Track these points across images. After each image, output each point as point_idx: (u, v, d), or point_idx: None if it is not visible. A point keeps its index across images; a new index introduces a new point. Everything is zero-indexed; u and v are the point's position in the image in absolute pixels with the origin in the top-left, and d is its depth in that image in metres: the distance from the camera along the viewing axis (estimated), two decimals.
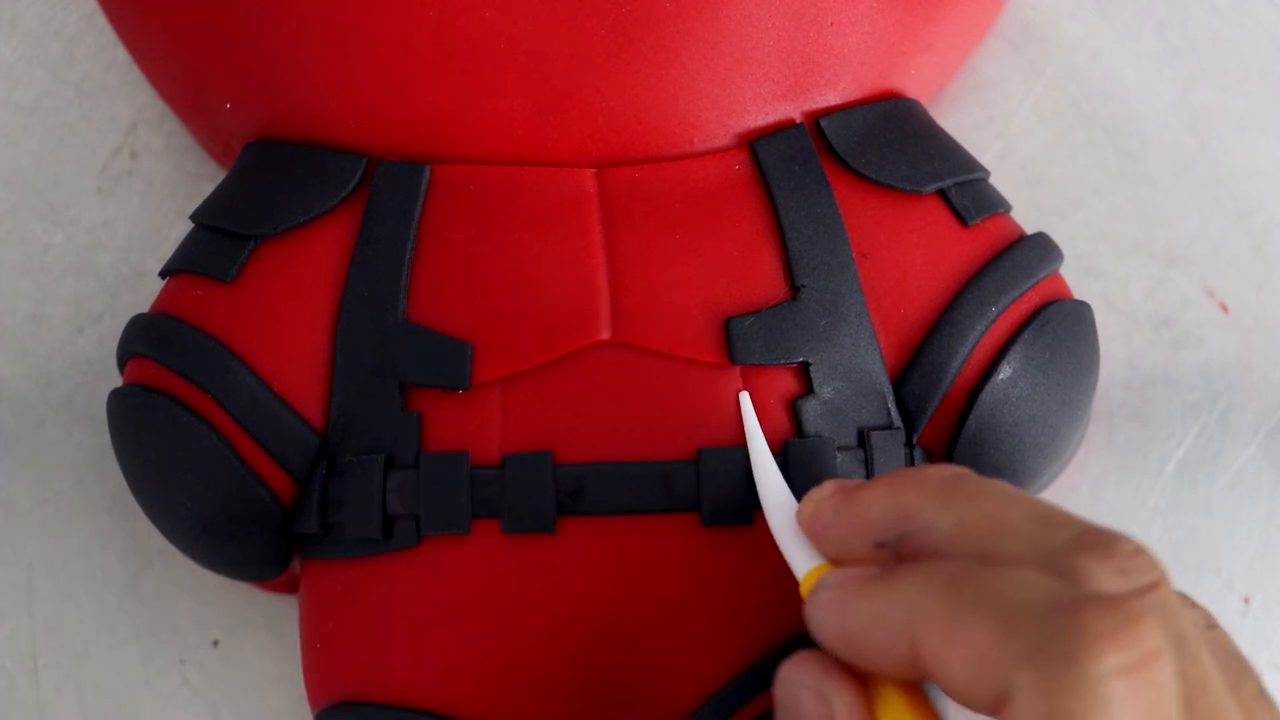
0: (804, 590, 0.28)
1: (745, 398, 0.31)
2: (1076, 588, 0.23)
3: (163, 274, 0.34)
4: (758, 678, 0.31)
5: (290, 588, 0.36)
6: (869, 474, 0.32)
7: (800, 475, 0.31)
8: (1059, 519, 0.25)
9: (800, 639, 0.31)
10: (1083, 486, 0.37)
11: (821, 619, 0.26)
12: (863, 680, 0.26)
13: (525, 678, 0.31)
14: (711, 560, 0.31)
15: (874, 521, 0.27)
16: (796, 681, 0.26)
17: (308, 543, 0.33)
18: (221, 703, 0.37)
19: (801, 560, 0.28)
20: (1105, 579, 0.23)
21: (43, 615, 0.37)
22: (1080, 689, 0.22)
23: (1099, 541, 0.24)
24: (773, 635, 0.31)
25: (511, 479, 0.31)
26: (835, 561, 0.28)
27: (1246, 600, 0.37)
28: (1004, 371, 0.32)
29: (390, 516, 0.32)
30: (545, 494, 0.31)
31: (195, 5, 0.34)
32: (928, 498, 0.26)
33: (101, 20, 0.39)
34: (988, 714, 0.23)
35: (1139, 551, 0.24)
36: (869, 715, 0.25)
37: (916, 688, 0.26)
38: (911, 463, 0.32)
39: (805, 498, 0.29)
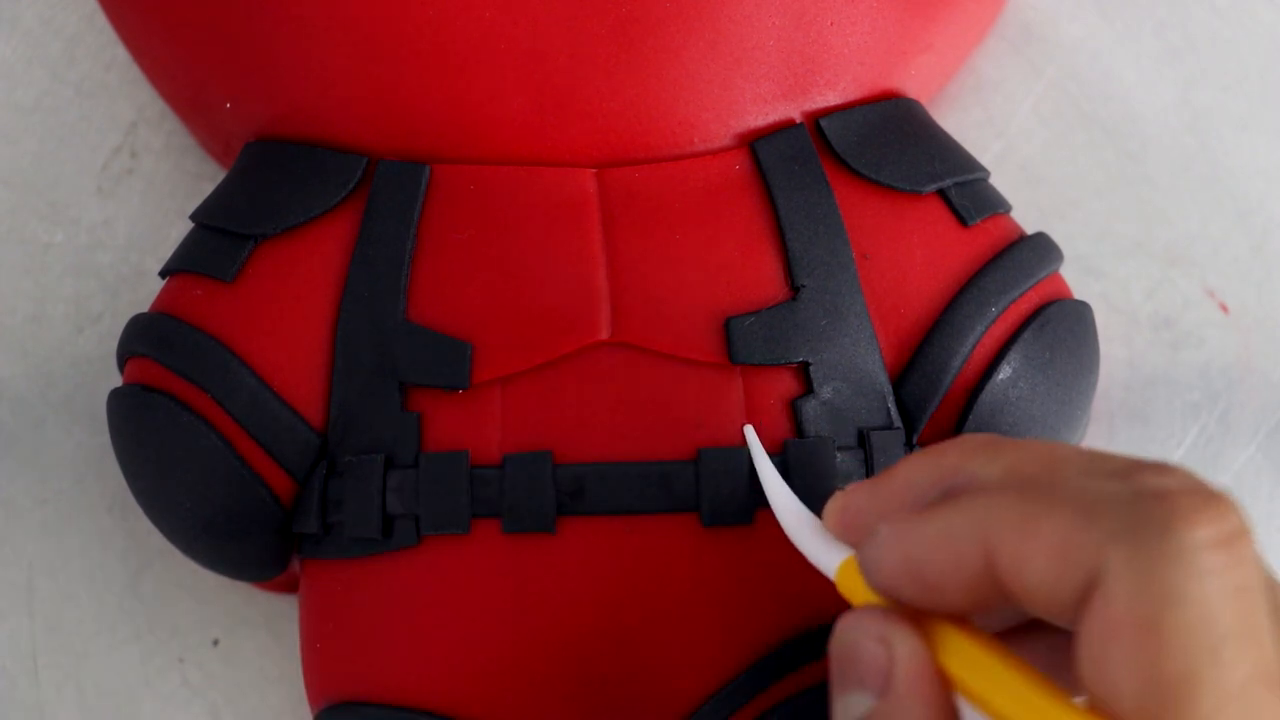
0: (843, 579, 0.27)
1: (750, 432, 0.31)
2: (1148, 487, 0.23)
3: (163, 274, 0.34)
4: (758, 678, 0.31)
5: (290, 588, 0.36)
6: (869, 474, 0.32)
7: (800, 475, 0.31)
8: (1107, 454, 0.25)
9: (800, 640, 0.31)
10: None
11: (882, 556, 0.25)
12: (922, 628, 0.26)
13: (525, 678, 0.31)
14: (711, 560, 0.31)
15: (914, 487, 0.26)
16: (855, 628, 0.26)
17: (307, 543, 0.33)
18: (221, 703, 0.37)
19: (834, 556, 0.28)
20: (1172, 482, 0.23)
21: (43, 615, 0.37)
22: (1177, 560, 0.22)
23: (1154, 464, 0.24)
24: (773, 635, 0.31)
25: (511, 479, 0.31)
26: None
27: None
28: (1004, 371, 0.32)
29: (390, 516, 0.32)
30: (545, 494, 0.31)
31: (195, 5, 0.34)
32: (970, 454, 0.26)
33: (101, 20, 0.39)
34: (1071, 607, 0.23)
35: (1191, 471, 0.24)
36: (930, 655, 0.25)
37: (975, 630, 0.25)
38: None
39: (830, 499, 0.28)
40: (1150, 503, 0.23)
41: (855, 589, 0.27)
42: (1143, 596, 0.22)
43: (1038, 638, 0.27)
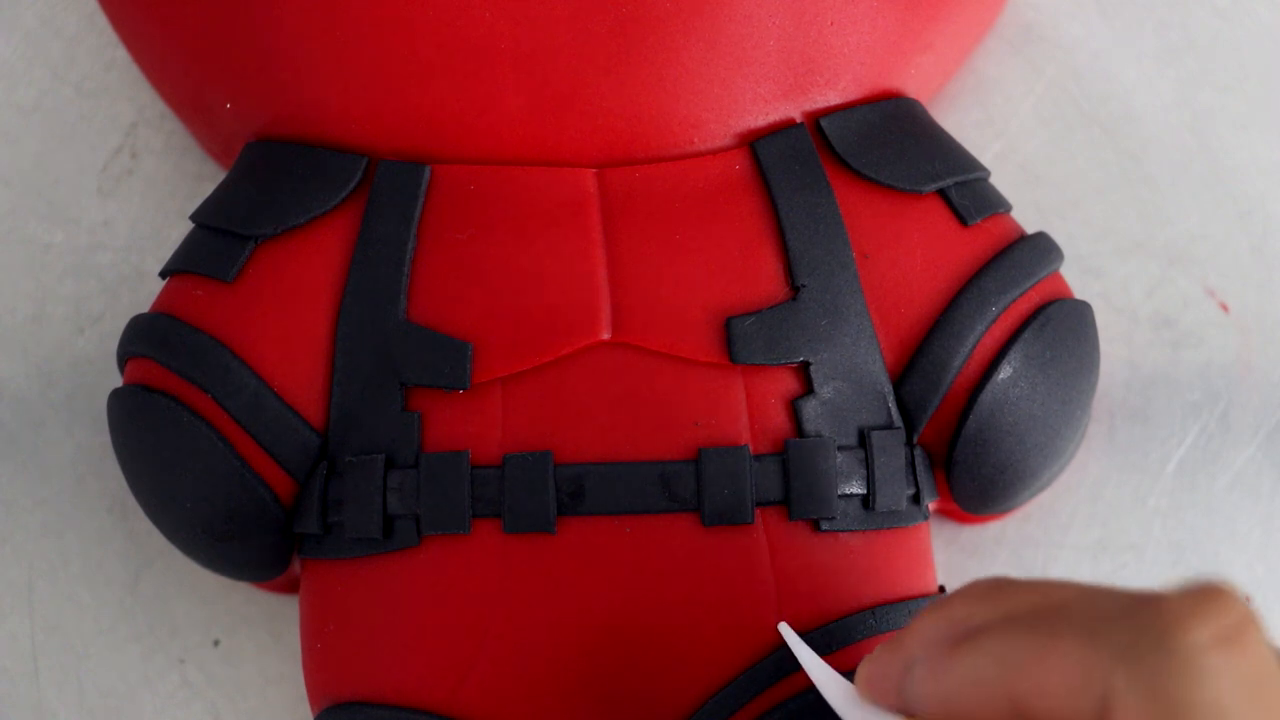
0: None
1: (785, 629, 0.30)
2: (1144, 597, 0.23)
3: (163, 274, 0.34)
4: (758, 678, 0.31)
5: (290, 588, 0.36)
6: (869, 473, 0.32)
7: (800, 475, 0.31)
8: (1107, 588, 0.25)
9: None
10: (1083, 486, 0.37)
11: (923, 693, 0.25)
12: None
13: (525, 678, 0.31)
14: (711, 560, 0.31)
15: (930, 642, 0.26)
16: None
17: (308, 543, 0.33)
18: (221, 703, 0.37)
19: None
20: (1171, 589, 0.23)
21: (43, 615, 0.37)
22: (1178, 669, 0.22)
23: (1155, 593, 0.24)
24: (773, 635, 0.31)
25: (512, 479, 0.31)
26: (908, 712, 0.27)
27: (1247, 600, 0.36)
28: (1004, 371, 0.32)
29: (391, 516, 0.32)
30: (545, 494, 0.31)
31: (195, 5, 0.34)
32: (975, 601, 0.26)
33: (101, 20, 0.39)
34: None
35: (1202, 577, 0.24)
36: None
37: None
38: (912, 462, 0.32)
39: (859, 667, 0.28)
40: (1147, 612, 0.23)
41: None
42: (1152, 712, 0.22)
43: None
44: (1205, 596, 0.23)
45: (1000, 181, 0.36)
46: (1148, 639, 0.22)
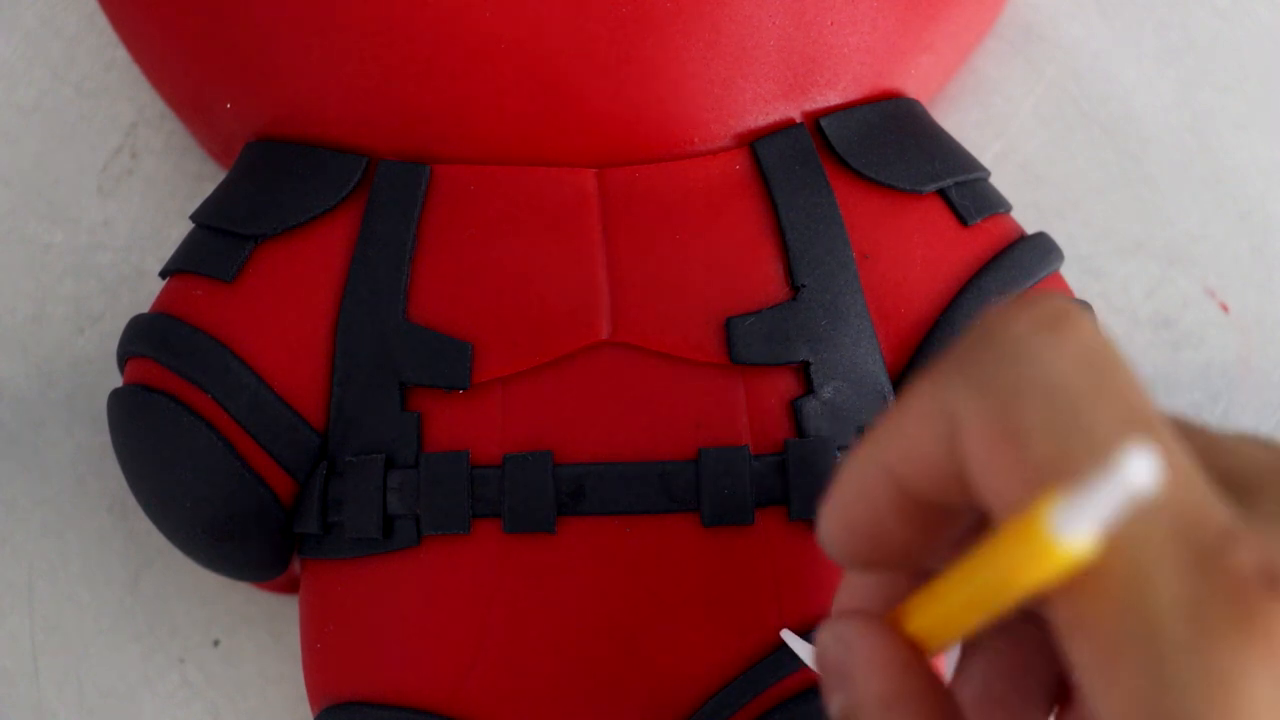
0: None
1: (788, 634, 0.30)
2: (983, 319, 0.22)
3: (163, 274, 0.34)
4: (758, 678, 0.31)
5: (290, 588, 0.36)
6: None
7: (801, 475, 0.31)
8: None
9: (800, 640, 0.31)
10: None
11: (822, 517, 0.24)
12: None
13: (525, 678, 0.31)
14: (711, 560, 0.31)
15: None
16: (821, 639, 0.25)
17: (308, 543, 0.33)
18: (221, 703, 0.37)
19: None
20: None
21: (43, 615, 0.37)
22: (1006, 358, 0.21)
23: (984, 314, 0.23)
24: (773, 635, 0.31)
25: (512, 479, 0.31)
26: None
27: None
28: None
29: (391, 516, 0.32)
30: (545, 494, 0.31)
31: (195, 5, 0.34)
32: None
33: (101, 20, 0.39)
34: (959, 477, 0.22)
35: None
36: (886, 633, 0.24)
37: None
38: None
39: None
40: (977, 330, 0.22)
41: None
42: (990, 410, 0.21)
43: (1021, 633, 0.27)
44: (1027, 298, 0.22)
45: (1000, 181, 0.36)
46: (976, 350, 0.21)
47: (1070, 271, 0.36)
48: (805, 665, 0.31)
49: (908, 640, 0.24)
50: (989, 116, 0.39)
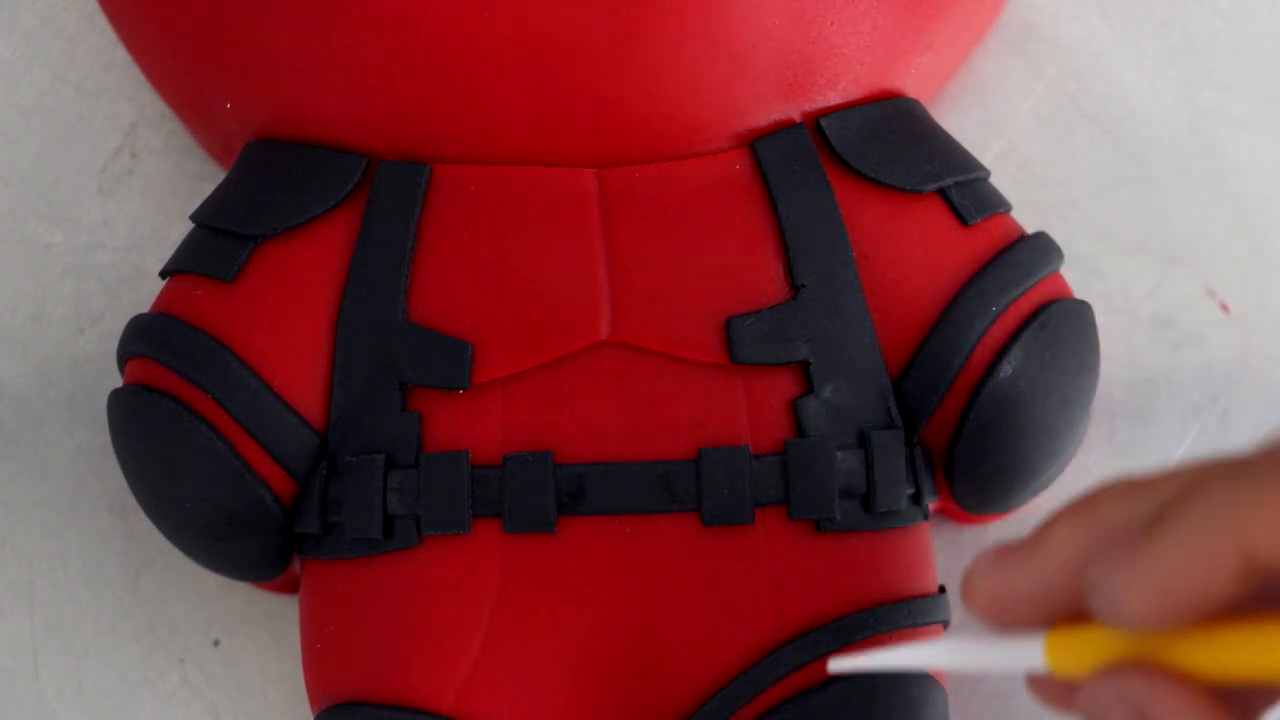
0: (1057, 656, 0.25)
1: (834, 663, 0.29)
2: None
3: (163, 274, 0.34)
4: (758, 678, 0.31)
5: (290, 588, 0.36)
6: (869, 473, 0.32)
7: (800, 475, 0.31)
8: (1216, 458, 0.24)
9: (800, 640, 0.31)
10: (1083, 486, 0.37)
11: (1130, 596, 0.24)
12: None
13: (525, 677, 0.31)
14: (712, 560, 0.31)
15: (1069, 549, 0.25)
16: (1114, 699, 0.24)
17: (308, 543, 0.33)
18: (221, 703, 0.37)
19: (1025, 646, 0.26)
20: None
21: (43, 615, 0.37)
22: None
23: None
24: (773, 635, 0.31)
25: (512, 479, 0.31)
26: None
27: None
28: (1005, 371, 0.32)
29: (391, 516, 0.32)
30: (545, 494, 0.31)
31: (195, 5, 0.34)
32: (1118, 503, 0.25)
33: (101, 20, 0.39)
34: None
35: None
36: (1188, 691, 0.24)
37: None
38: (912, 462, 0.32)
39: (966, 580, 0.27)
40: None
41: (1073, 658, 0.25)
42: None
43: None
44: None
45: (1000, 181, 0.36)
46: None
47: (1070, 271, 0.36)
48: (805, 666, 0.31)
49: (1200, 690, 0.24)
50: (989, 116, 0.39)
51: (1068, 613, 0.26)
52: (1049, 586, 0.26)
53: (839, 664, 0.29)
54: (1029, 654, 0.26)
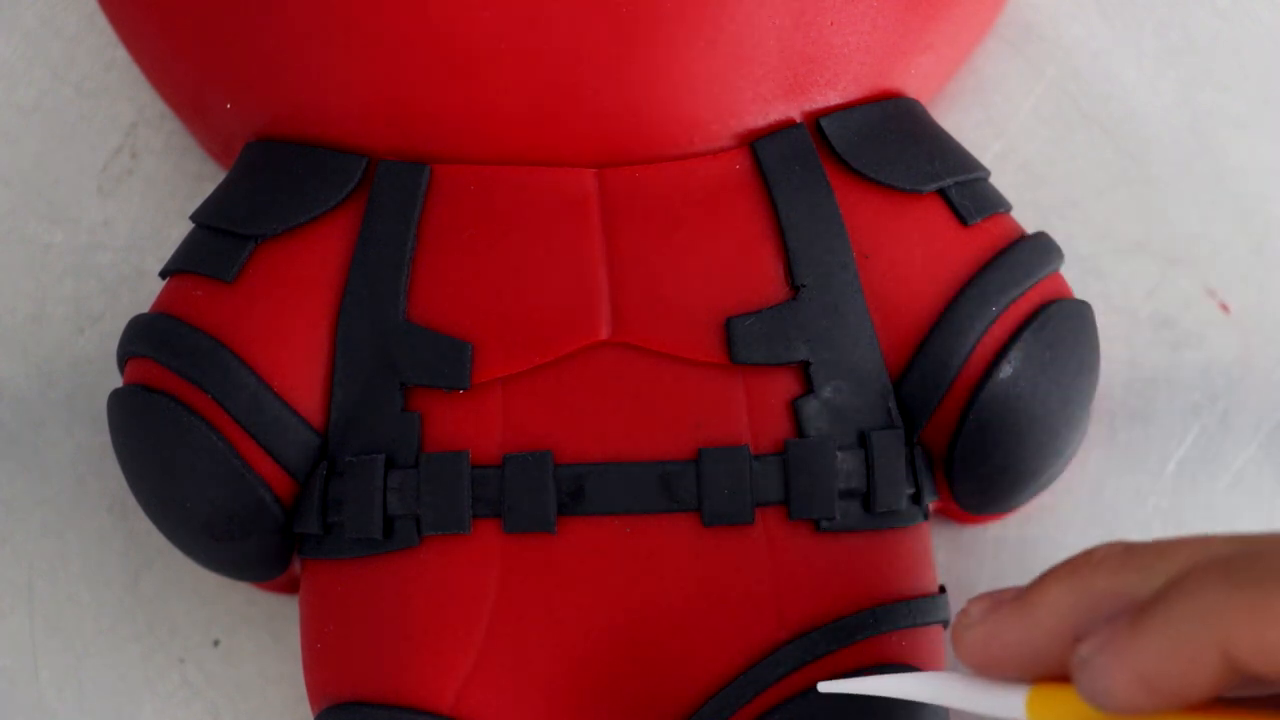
0: (1038, 710, 0.26)
1: (827, 686, 0.30)
2: None
3: (163, 274, 0.34)
4: (758, 678, 0.31)
5: (290, 588, 0.36)
6: (869, 473, 0.32)
7: (800, 475, 0.31)
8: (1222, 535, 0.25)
9: (800, 640, 0.31)
10: (1083, 486, 0.37)
11: (1112, 680, 0.24)
12: None
13: (525, 678, 0.31)
14: (712, 560, 0.31)
15: (1061, 614, 0.26)
16: None
17: (308, 543, 0.33)
18: (221, 703, 0.37)
19: (1009, 694, 0.26)
20: None
21: (43, 615, 0.37)
22: None
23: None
24: (773, 635, 0.31)
25: (512, 479, 0.31)
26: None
27: None
28: (1005, 370, 0.32)
29: (391, 516, 0.32)
30: (545, 494, 0.31)
31: (195, 5, 0.34)
32: (1118, 571, 0.25)
33: (101, 20, 0.39)
34: None
35: None
36: None
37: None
38: (912, 462, 0.32)
39: (955, 627, 0.27)
40: None
41: (1053, 716, 0.26)
42: None
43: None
44: None
45: (1000, 181, 0.36)
46: None
47: (1070, 271, 0.36)
48: (805, 666, 0.31)
49: None
50: (989, 116, 0.39)
51: (1053, 671, 0.26)
52: (1036, 647, 0.26)
53: (829, 686, 0.29)
54: (1012, 704, 0.26)
